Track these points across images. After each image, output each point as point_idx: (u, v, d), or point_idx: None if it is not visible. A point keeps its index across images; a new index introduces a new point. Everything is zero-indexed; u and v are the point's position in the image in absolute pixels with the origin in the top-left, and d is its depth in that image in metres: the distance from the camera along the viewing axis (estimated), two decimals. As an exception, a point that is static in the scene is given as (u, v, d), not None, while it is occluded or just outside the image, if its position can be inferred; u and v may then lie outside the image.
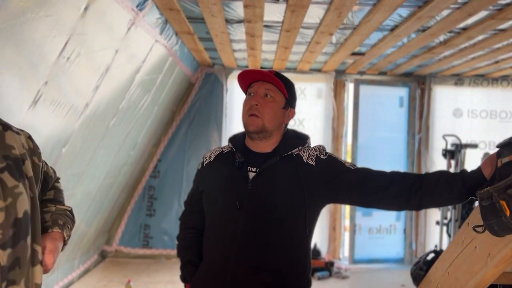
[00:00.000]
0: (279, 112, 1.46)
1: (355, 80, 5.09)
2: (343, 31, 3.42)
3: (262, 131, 1.43)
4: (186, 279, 1.51)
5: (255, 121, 1.42)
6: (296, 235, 1.42)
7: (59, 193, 1.25)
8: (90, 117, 2.78)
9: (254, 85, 1.47)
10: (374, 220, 5.05)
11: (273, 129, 1.45)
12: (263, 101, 1.43)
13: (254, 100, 1.43)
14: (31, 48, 1.93)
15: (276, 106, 1.45)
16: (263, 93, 1.44)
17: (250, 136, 1.46)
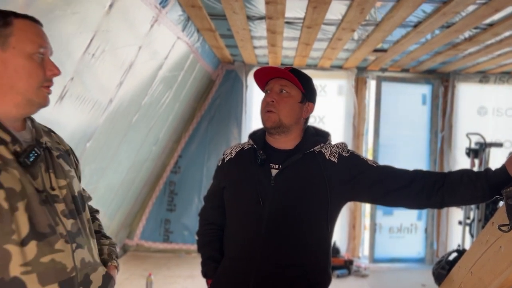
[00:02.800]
0: (296, 106, 1.46)
1: (377, 77, 5.03)
2: (365, 28, 3.38)
3: (279, 126, 1.44)
4: (208, 274, 1.52)
5: (272, 117, 1.43)
6: (319, 232, 1.42)
7: (102, 226, 1.42)
8: (113, 113, 2.84)
9: (270, 82, 1.48)
10: (395, 219, 4.99)
11: (291, 124, 1.46)
12: (279, 97, 1.44)
13: (269, 97, 1.45)
14: (58, 45, 1.97)
15: (292, 101, 1.45)
16: (278, 89, 1.45)
17: (269, 132, 1.47)
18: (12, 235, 0.97)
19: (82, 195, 1.21)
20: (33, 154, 1.05)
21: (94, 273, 1.15)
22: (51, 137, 1.22)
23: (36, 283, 1.00)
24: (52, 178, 1.10)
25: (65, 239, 1.07)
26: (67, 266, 1.06)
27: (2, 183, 0.98)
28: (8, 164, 1.01)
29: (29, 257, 0.99)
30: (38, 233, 1.01)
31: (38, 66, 1.05)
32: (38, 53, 1.05)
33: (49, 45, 1.09)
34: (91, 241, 1.19)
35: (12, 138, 1.04)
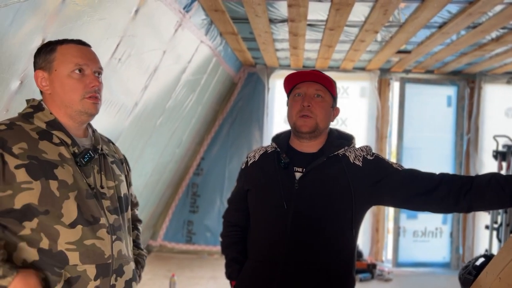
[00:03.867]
0: (329, 111, 1.46)
1: (400, 79, 4.97)
2: (389, 29, 3.35)
3: (315, 131, 1.43)
4: (232, 276, 1.54)
5: (308, 122, 1.41)
6: (343, 235, 1.42)
7: (139, 236, 1.57)
8: (139, 116, 2.89)
9: (302, 86, 1.45)
10: (419, 223, 4.91)
11: (324, 128, 1.46)
12: (315, 101, 1.43)
13: (306, 101, 1.42)
14: (86, 50, 2.03)
15: (327, 106, 1.45)
16: (313, 94, 1.43)
17: (301, 136, 1.45)
18: (61, 218, 1.17)
19: (127, 197, 1.39)
20: (88, 156, 1.26)
21: (127, 266, 1.31)
22: (109, 146, 1.44)
23: (77, 260, 1.18)
24: (102, 178, 1.29)
25: (107, 230, 1.24)
26: (105, 253, 1.22)
27: (57, 175, 1.18)
28: (66, 161, 1.21)
29: (74, 238, 1.18)
30: (84, 220, 1.20)
31: (77, 81, 1.23)
32: (76, 70, 1.23)
33: (91, 61, 1.26)
34: (128, 238, 1.36)
35: (73, 142, 1.25)
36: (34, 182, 1.15)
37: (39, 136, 1.20)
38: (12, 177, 1.13)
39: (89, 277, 1.19)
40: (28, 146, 1.17)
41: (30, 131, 1.20)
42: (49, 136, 1.22)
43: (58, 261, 1.15)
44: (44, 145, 1.20)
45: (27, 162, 1.15)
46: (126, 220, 1.36)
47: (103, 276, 1.22)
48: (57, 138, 1.22)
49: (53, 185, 1.17)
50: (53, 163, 1.18)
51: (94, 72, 1.27)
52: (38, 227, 1.15)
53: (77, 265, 1.17)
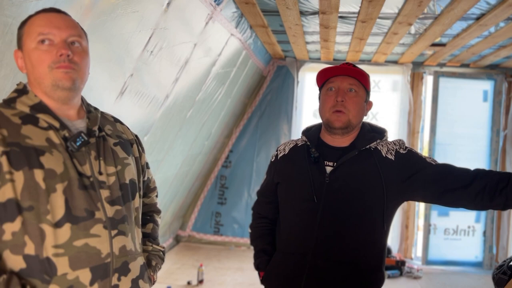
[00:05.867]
0: (362, 106, 1.44)
1: (434, 73, 4.83)
2: (423, 21, 3.26)
3: (348, 126, 1.41)
4: (260, 267, 1.55)
5: (342, 117, 1.39)
6: (374, 230, 1.40)
7: (157, 228, 1.41)
8: (169, 108, 2.94)
9: (335, 80, 1.42)
10: (451, 220, 4.79)
11: (357, 123, 1.44)
12: (348, 96, 1.40)
13: (340, 96, 1.39)
14: (119, 43, 2.07)
15: (360, 101, 1.42)
16: (346, 88, 1.41)
17: (333, 131, 1.43)
18: (47, 215, 1.02)
19: (134, 183, 1.23)
20: (80, 140, 1.10)
21: (134, 262, 1.17)
22: (115, 125, 1.28)
23: (66, 267, 1.03)
24: (101, 164, 1.13)
25: (104, 224, 1.09)
26: (101, 252, 1.08)
27: (43, 164, 1.03)
28: (55, 147, 1.06)
29: (62, 239, 1.03)
30: (73, 216, 1.05)
31: (43, 52, 1.07)
32: (41, 41, 1.07)
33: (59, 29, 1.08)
34: (135, 230, 1.21)
35: (61, 124, 1.10)
36: (16, 173, 1.00)
37: (22, 120, 1.06)
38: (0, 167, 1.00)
39: (83, 284, 1.05)
40: (8, 132, 1.02)
41: (11, 116, 1.06)
42: (35, 120, 1.07)
43: (45, 270, 1.02)
44: (28, 129, 1.05)
45: (9, 149, 1.01)
46: (133, 209, 1.20)
47: (101, 278, 1.08)
48: (44, 121, 1.08)
49: (38, 175, 1.02)
50: (39, 150, 1.04)
51: (67, 40, 1.09)
52: (21, 228, 1.00)
53: (67, 273, 1.03)
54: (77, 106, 1.17)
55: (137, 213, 1.23)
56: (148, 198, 1.41)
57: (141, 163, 1.33)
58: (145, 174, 1.36)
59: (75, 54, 1.09)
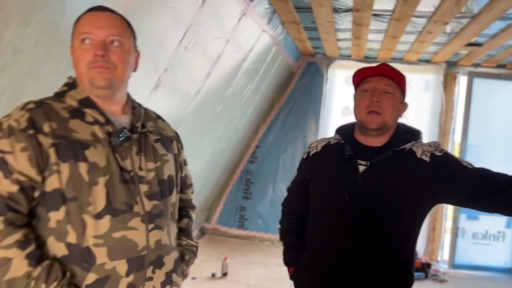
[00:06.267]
0: (398, 107, 1.43)
1: (468, 73, 4.71)
2: (460, 20, 3.19)
3: (383, 127, 1.40)
4: (289, 263, 1.56)
5: (377, 119, 1.38)
6: (405, 231, 1.39)
7: (191, 224, 1.43)
8: (200, 103, 2.98)
9: (371, 80, 1.42)
10: (480, 225, 4.68)
11: (392, 125, 1.43)
12: (384, 97, 1.39)
13: (375, 97, 1.38)
14: (154, 38, 2.12)
15: (396, 102, 1.41)
16: (382, 89, 1.40)
17: (368, 132, 1.43)
18: (88, 207, 1.06)
19: (172, 179, 1.25)
20: (123, 135, 1.14)
21: (168, 256, 1.20)
22: (157, 122, 1.31)
23: (105, 257, 1.07)
24: (142, 160, 1.16)
25: (142, 218, 1.12)
26: (138, 244, 1.11)
27: (87, 157, 1.07)
28: (99, 142, 1.10)
29: (102, 230, 1.07)
30: (113, 209, 1.08)
31: (84, 51, 1.10)
32: (82, 40, 1.10)
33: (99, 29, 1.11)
34: (171, 225, 1.24)
35: (106, 120, 1.14)
36: (63, 165, 1.05)
37: (70, 114, 1.10)
38: (48, 158, 1.04)
39: (119, 274, 1.08)
40: (57, 125, 1.07)
41: (61, 110, 1.10)
42: (82, 114, 1.12)
43: (85, 258, 1.06)
44: (75, 123, 1.09)
45: (57, 142, 1.05)
46: (170, 205, 1.23)
47: (137, 270, 1.11)
48: (90, 116, 1.12)
49: (82, 168, 1.06)
50: (84, 143, 1.08)
51: (107, 39, 1.11)
52: (65, 217, 1.05)
53: (105, 263, 1.07)
54: (121, 102, 1.21)
55: (174, 208, 1.26)
56: (184, 194, 1.43)
57: (180, 160, 1.37)
58: (183, 170, 1.39)
59: (113, 54, 1.12)
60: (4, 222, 1.00)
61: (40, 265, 1.02)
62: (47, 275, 1.02)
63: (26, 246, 1.02)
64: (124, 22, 1.19)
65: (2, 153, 1.03)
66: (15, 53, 1.31)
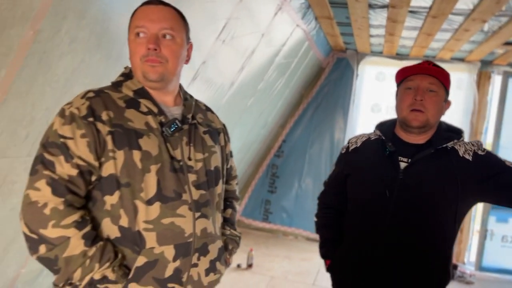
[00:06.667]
0: (441, 106, 1.43)
1: (504, 72, 4.60)
2: (499, 18, 3.12)
3: (425, 126, 1.41)
4: (327, 255, 1.58)
5: (420, 117, 1.39)
6: (445, 228, 1.40)
7: (235, 214, 1.47)
8: (233, 96, 3.02)
9: (415, 78, 1.42)
10: (511, 228, 4.59)
11: (435, 123, 1.44)
12: (427, 96, 1.39)
13: (419, 96, 1.39)
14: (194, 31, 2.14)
15: (440, 100, 1.42)
16: (426, 87, 1.40)
17: (410, 130, 1.44)
18: (141, 193, 1.11)
19: (219, 170, 1.29)
20: (174, 126, 1.18)
21: (213, 244, 1.24)
22: (207, 114, 1.36)
23: (154, 241, 1.12)
24: (191, 150, 1.20)
25: (189, 206, 1.16)
26: (185, 231, 1.15)
27: (141, 146, 1.12)
28: (152, 131, 1.15)
29: (152, 216, 1.11)
30: (163, 196, 1.13)
31: (138, 44, 1.14)
32: (136, 33, 1.15)
33: (152, 22, 1.14)
34: (217, 214, 1.28)
35: (159, 110, 1.18)
36: (118, 152, 1.10)
37: (126, 104, 1.15)
38: (105, 145, 1.10)
39: (167, 259, 1.13)
40: (114, 114, 1.12)
41: (117, 99, 1.15)
42: (137, 104, 1.17)
43: (136, 242, 1.11)
44: (130, 113, 1.14)
45: (113, 130, 1.10)
46: (216, 195, 1.27)
47: (183, 256, 1.15)
48: (144, 106, 1.17)
49: (136, 155, 1.11)
50: (139, 132, 1.13)
51: (159, 33, 1.15)
52: (118, 201, 1.10)
53: (154, 247, 1.12)
54: (173, 93, 1.25)
55: (219, 198, 1.30)
56: (229, 185, 1.47)
57: (226, 151, 1.41)
58: (229, 162, 1.43)
59: (164, 47, 1.15)
60: (64, 203, 1.06)
61: (95, 245, 1.08)
62: (101, 255, 1.07)
63: (83, 226, 1.08)
64: (177, 15, 1.22)
65: (64, 139, 1.08)
66: (71, 43, 1.37)
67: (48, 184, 1.06)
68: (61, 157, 1.07)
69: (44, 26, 1.24)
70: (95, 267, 1.07)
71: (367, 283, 1.42)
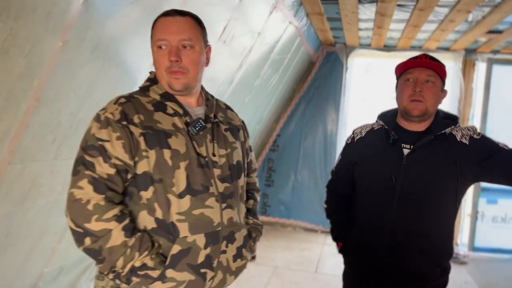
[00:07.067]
0: (438, 95, 1.56)
1: (487, 60, 4.78)
2: (482, 9, 3.26)
3: (425, 114, 1.54)
4: (338, 238, 1.71)
5: (419, 106, 1.52)
6: (447, 207, 1.53)
7: (256, 205, 1.57)
8: (232, 93, 3.11)
9: (414, 71, 1.54)
10: (500, 208, 4.79)
11: (433, 111, 1.56)
12: (426, 86, 1.52)
13: (418, 87, 1.51)
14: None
15: (437, 90, 1.54)
16: (424, 79, 1.52)
17: (411, 119, 1.56)
18: (172, 187, 1.21)
19: (240, 164, 1.39)
20: (199, 125, 1.28)
21: (238, 233, 1.34)
22: (226, 112, 1.46)
23: (186, 231, 1.22)
24: (215, 147, 1.30)
25: (216, 198, 1.26)
26: (214, 221, 1.25)
27: (170, 145, 1.22)
28: (179, 131, 1.25)
29: (184, 208, 1.21)
30: (193, 190, 1.23)
31: (160, 56, 1.23)
32: (158, 45, 1.23)
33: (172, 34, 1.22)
34: (240, 205, 1.38)
35: (184, 112, 1.28)
36: (150, 151, 1.20)
37: (154, 107, 1.25)
38: (138, 145, 1.19)
39: (199, 247, 1.23)
40: (144, 117, 1.22)
41: (146, 103, 1.25)
42: (164, 107, 1.26)
43: (170, 232, 1.21)
44: (159, 115, 1.24)
45: (145, 131, 1.20)
46: (239, 187, 1.37)
47: (213, 243, 1.25)
48: (171, 108, 1.27)
49: (166, 154, 1.20)
50: (167, 133, 1.22)
51: (179, 45, 1.23)
52: (152, 196, 1.20)
53: (186, 236, 1.21)
54: (196, 95, 1.36)
55: (242, 190, 1.40)
56: (250, 178, 1.58)
57: (246, 146, 1.52)
58: (249, 156, 1.54)
59: (186, 58, 1.24)
60: (105, 199, 1.16)
61: (134, 236, 1.18)
62: (139, 245, 1.18)
63: (122, 219, 1.18)
64: (194, 23, 1.30)
65: (102, 141, 1.18)
66: (93, 51, 1.46)
67: (90, 182, 1.16)
68: (100, 158, 1.17)
69: (71, 36, 1.33)
70: (136, 255, 1.17)
71: (378, 261, 1.55)
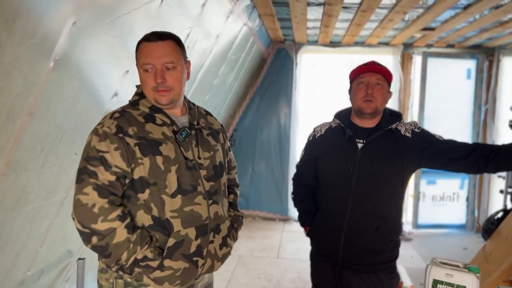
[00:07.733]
0: (386, 96, 1.82)
1: (423, 53, 5.24)
2: (417, 10, 3.62)
3: (375, 112, 1.79)
4: (306, 223, 1.94)
5: (371, 105, 1.77)
6: (396, 191, 1.81)
7: (236, 198, 1.75)
8: (193, 93, 3.26)
9: (365, 76, 1.80)
10: (438, 188, 5.30)
11: (382, 109, 1.82)
12: (376, 89, 1.78)
13: (369, 89, 1.77)
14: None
15: (385, 92, 1.81)
16: (374, 82, 1.78)
17: (364, 116, 1.81)
18: (166, 189, 1.37)
19: (222, 164, 1.55)
20: (185, 133, 1.44)
21: (223, 224, 1.51)
22: (207, 118, 1.61)
23: (179, 226, 1.38)
24: (200, 150, 1.46)
25: (203, 196, 1.43)
26: (202, 216, 1.42)
27: (162, 152, 1.37)
28: (168, 139, 1.41)
29: (176, 206, 1.38)
30: (183, 190, 1.39)
31: (148, 77, 1.38)
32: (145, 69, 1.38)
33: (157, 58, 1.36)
34: (224, 200, 1.55)
35: (171, 121, 1.44)
36: (145, 159, 1.35)
37: (145, 119, 1.40)
38: (134, 154, 1.34)
39: (191, 238, 1.40)
40: (137, 129, 1.37)
41: (137, 116, 1.40)
42: (153, 118, 1.41)
43: (165, 227, 1.37)
44: (149, 126, 1.39)
45: (139, 141, 1.35)
46: (222, 184, 1.53)
47: (202, 235, 1.42)
48: (159, 119, 1.41)
49: (159, 160, 1.36)
50: (158, 141, 1.37)
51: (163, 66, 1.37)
52: (149, 197, 1.35)
53: (180, 230, 1.37)
54: (180, 105, 1.51)
55: (224, 187, 1.58)
56: (230, 175, 1.76)
57: (225, 147, 1.68)
58: (228, 155, 1.71)
59: (170, 78, 1.39)
60: (109, 203, 1.32)
61: (135, 232, 1.34)
62: (140, 240, 1.34)
63: (125, 219, 1.33)
64: (175, 45, 1.44)
65: (102, 152, 1.34)
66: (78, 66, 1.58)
67: (94, 189, 1.31)
68: (101, 167, 1.32)
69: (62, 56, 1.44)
70: (138, 249, 1.33)
71: (340, 241, 1.80)
